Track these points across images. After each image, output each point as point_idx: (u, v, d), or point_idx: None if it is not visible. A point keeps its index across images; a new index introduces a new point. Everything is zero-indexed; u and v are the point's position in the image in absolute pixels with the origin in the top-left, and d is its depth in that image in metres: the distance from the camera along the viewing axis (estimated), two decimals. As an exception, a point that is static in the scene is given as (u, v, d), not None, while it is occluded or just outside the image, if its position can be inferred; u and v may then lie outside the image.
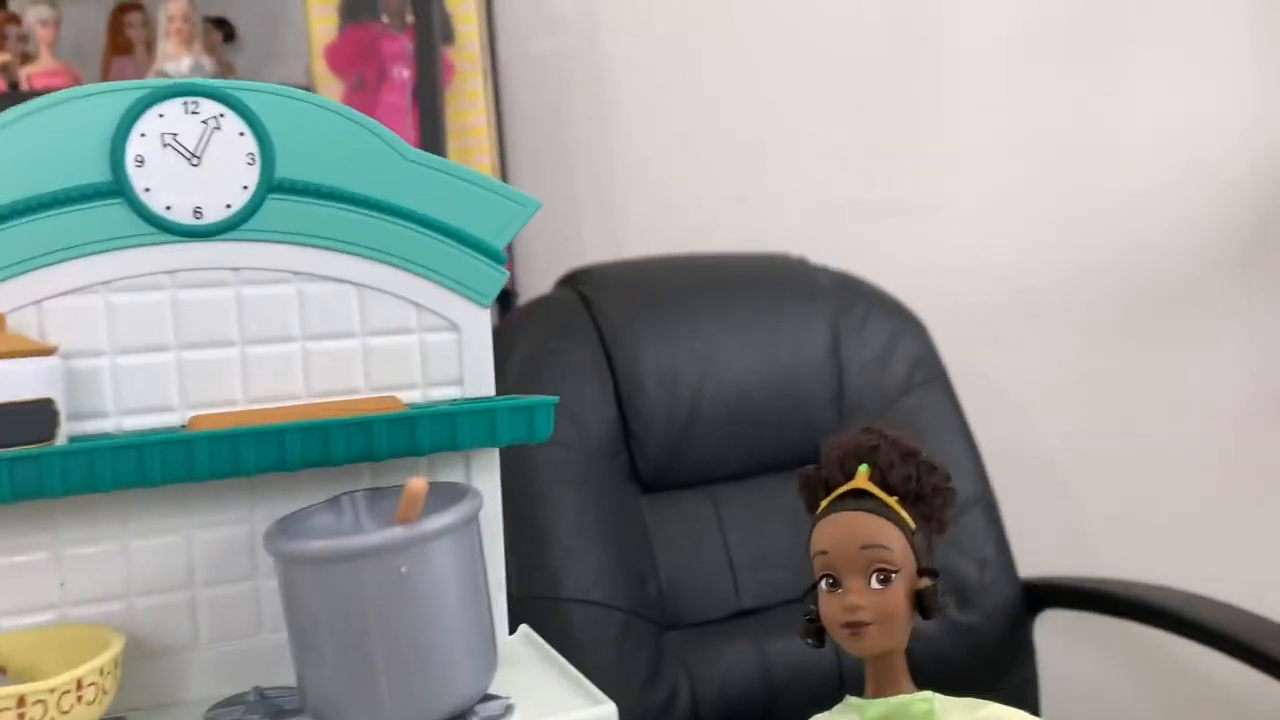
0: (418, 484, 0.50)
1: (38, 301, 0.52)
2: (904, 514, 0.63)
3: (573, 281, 1.47)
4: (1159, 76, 1.58)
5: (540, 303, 1.47)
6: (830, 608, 0.62)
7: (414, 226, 0.57)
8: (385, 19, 1.36)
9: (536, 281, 1.47)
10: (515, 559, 1.09)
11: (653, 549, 1.44)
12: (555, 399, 0.56)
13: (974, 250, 1.60)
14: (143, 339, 0.54)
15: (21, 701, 0.46)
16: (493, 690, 0.55)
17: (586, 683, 0.55)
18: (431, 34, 1.34)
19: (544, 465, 1.30)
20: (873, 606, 0.61)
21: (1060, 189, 1.60)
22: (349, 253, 0.57)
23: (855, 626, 0.61)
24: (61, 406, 0.50)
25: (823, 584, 0.63)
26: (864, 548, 0.61)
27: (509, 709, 0.53)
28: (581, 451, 1.36)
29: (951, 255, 1.58)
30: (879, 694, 0.63)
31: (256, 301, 0.56)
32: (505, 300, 1.43)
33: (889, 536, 0.62)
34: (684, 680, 1.24)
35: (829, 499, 0.64)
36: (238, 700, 0.56)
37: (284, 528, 0.52)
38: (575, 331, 1.45)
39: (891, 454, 0.64)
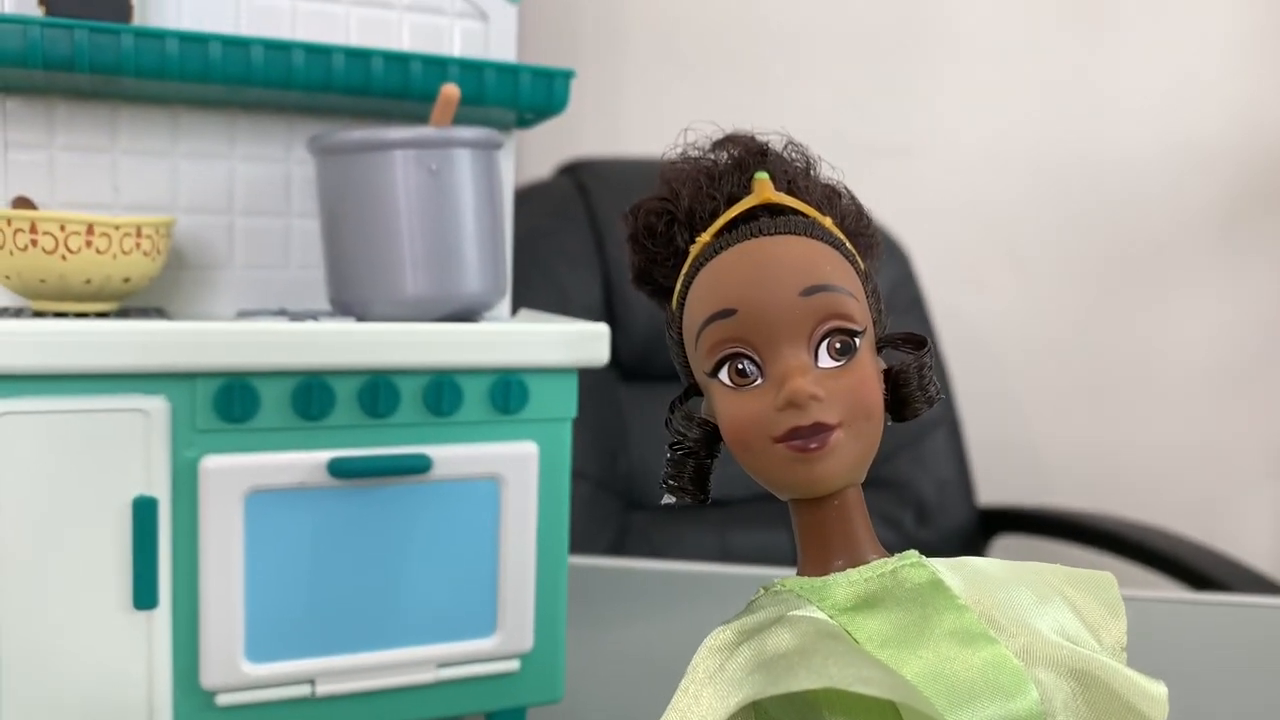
0: (451, 89, 0.56)
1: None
2: (847, 241, 0.39)
3: (572, 171, 1.54)
4: (1153, 42, 1.67)
5: (539, 187, 1.54)
6: (750, 410, 0.36)
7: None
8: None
9: (534, 168, 1.54)
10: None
11: (626, 431, 1.51)
12: (573, 71, 0.62)
13: (962, 196, 1.68)
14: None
15: (91, 229, 0.52)
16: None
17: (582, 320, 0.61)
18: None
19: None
20: (836, 394, 0.36)
21: (1050, 143, 1.68)
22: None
23: (814, 433, 0.35)
24: (135, 5, 0.56)
25: (722, 375, 0.37)
26: (807, 292, 0.36)
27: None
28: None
29: (941, 198, 1.66)
30: (827, 563, 0.38)
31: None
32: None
33: (841, 272, 0.37)
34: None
35: (713, 229, 0.39)
36: (266, 310, 0.62)
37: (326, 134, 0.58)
38: (571, 218, 1.52)
39: (789, 164, 0.41)
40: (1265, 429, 1.73)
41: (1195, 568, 1.33)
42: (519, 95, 0.61)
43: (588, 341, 0.58)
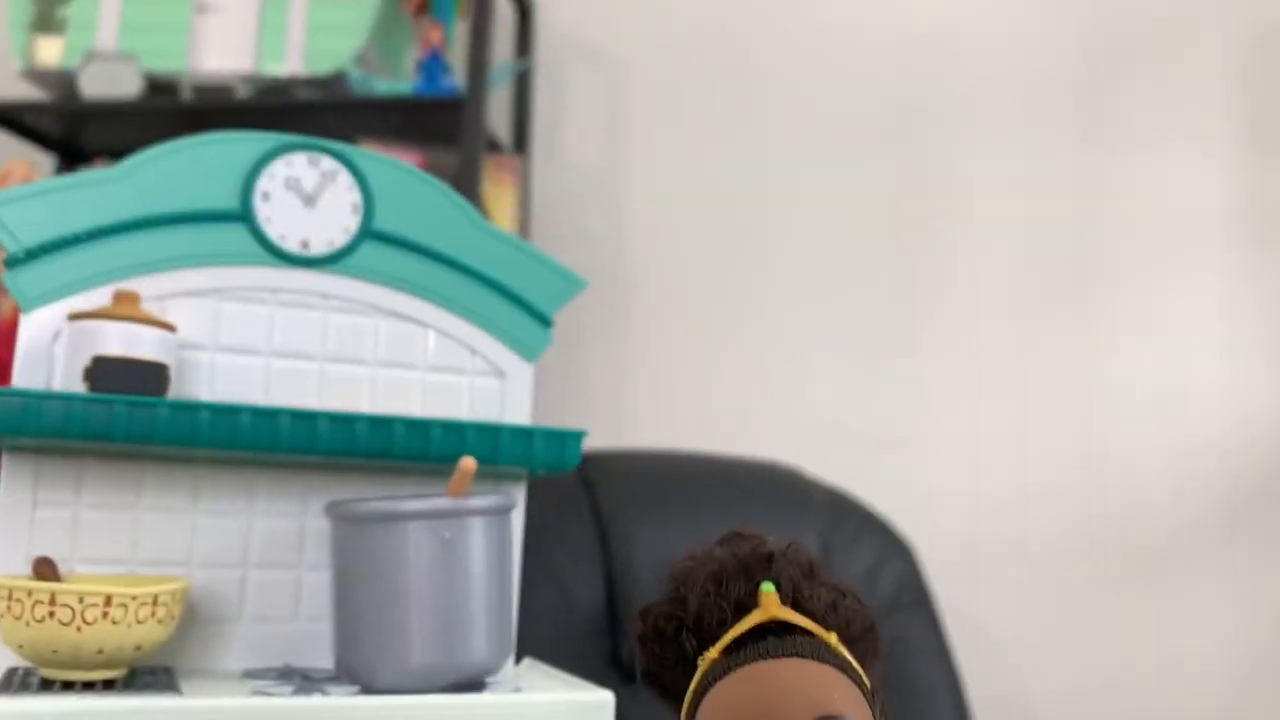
0: (469, 461, 0.58)
1: (163, 297, 0.62)
2: (855, 662, 0.38)
3: (579, 465, 1.57)
4: (1148, 347, 1.72)
5: (545, 481, 1.56)
6: None
7: (480, 284, 0.68)
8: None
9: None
10: None
11: (630, 739, 1.46)
12: (585, 431, 0.65)
13: (966, 489, 1.69)
14: (241, 341, 0.64)
15: (109, 601, 0.53)
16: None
17: (585, 684, 0.61)
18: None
19: (527, 635, 1.36)
20: None
21: (1052, 438, 1.70)
22: (423, 298, 0.67)
23: None
24: (172, 374, 0.59)
25: None
26: None
27: (518, 690, 0.59)
28: (567, 626, 1.40)
29: (944, 491, 1.67)
30: None
31: (341, 326, 0.66)
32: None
33: (846, 699, 0.36)
34: None
35: (720, 645, 0.39)
36: (271, 670, 0.62)
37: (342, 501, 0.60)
38: (575, 512, 1.53)
39: (792, 569, 0.40)
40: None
41: None
42: (532, 456, 0.64)
43: (592, 712, 0.58)
